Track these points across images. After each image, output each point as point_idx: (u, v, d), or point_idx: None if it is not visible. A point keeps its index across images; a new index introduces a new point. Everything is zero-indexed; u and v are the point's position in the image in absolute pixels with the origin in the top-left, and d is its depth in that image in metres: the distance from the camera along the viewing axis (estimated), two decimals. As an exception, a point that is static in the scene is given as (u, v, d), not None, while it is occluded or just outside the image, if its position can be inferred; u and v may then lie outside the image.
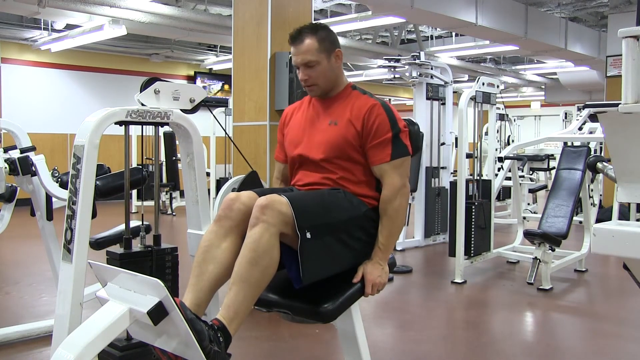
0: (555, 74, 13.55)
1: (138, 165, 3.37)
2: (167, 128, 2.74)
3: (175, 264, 2.51)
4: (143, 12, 7.35)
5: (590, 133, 6.04)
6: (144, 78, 2.37)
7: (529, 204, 8.29)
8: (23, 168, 3.09)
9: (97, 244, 2.96)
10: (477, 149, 5.21)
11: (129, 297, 1.66)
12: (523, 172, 7.82)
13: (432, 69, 6.45)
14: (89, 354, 1.60)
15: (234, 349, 1.74)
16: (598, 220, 5.75)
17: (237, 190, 2.53)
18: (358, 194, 2.05)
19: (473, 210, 4.80)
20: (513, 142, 9.92)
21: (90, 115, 2.08)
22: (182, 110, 2.35)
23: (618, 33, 1.47)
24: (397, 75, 6.85)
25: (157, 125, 2.37)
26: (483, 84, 5.02)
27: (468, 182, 4.91)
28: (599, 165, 2.76)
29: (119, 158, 5.42)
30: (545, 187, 7.70)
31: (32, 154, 3.15)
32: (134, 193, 8.45)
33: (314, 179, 2.11)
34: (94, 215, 2.18)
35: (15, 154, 3.16)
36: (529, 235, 4.65)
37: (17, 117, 8.81)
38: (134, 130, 6.73)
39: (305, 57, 2.08)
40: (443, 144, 6.62)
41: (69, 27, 8.75)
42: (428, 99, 6.43)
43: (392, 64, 6.76)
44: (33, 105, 10.24)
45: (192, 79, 12.37)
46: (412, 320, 3.88)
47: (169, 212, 9.06)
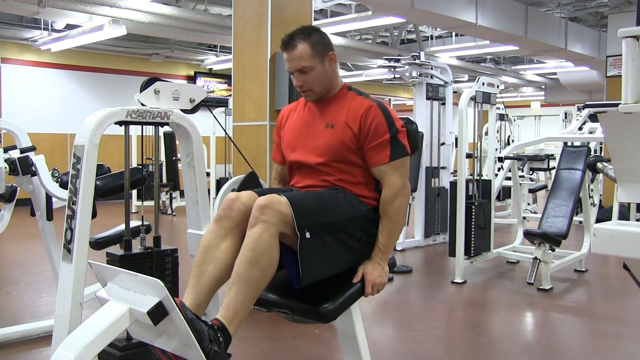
0: (555, 74, 13.55)
1: (138, 165, 3.36)
2: (167, 128, 2.74)
3: (176, 266, 2.50)
4: (143, 12, 7.35)
5: (590, 133, 6.04)
6: (144, 78, 2.37)
7: (529, 204, 8.29)
8: (23, 168, 3.08)
9: (97, 244, 2.96)
10: (477, 149, 5.21)
11: (129, 297, 1.66)
12: (523, 172, 7.82)
13: (432, 69, 6.45)
14: (89, 354, 1.60)
15: (234, 349, 1.74)
16: (598, 220, 5.74)
17: (236, 190, 2.53)
18: (358, 195, 2.05)
19: (473, 210, 4.81)
20: (513, 142, 9.91)
21: (90, 115, 2.08)
22: (182, 110, 2.35)
23: (618, 33, 1.47)
24: (397, 75, 6.85)
25: (157, 125, 2.37)
26: (483, 84, 5.02)
27: (468, 182, 4.91)
28: (599, 165, 2.76)
29: (119, 158, 5.41)
30: (545, 187, 7.70)
31: (32, 154, 3.14)
32: (134, 193, 8.44)
33: (313, 182, 2.10)
34: (94, 215, 2.18)
35: (15, 154, 3.16)
36: (529, 235, 4.65)
37: (17, 117, 8.81)
38: (134, 130, 6.72)
39: (299, 63, 2.05)
40: (443, 144, 6.63)
41: (69, 27, 8.75)
42: (428, 99, 6.43)
43: (392, 64, 6.76)
44: (33, 105, 10.23)
45: (192, 79, 12.35)
46: (412, 320, 3.88)
47: (169, 212, 9.05)
